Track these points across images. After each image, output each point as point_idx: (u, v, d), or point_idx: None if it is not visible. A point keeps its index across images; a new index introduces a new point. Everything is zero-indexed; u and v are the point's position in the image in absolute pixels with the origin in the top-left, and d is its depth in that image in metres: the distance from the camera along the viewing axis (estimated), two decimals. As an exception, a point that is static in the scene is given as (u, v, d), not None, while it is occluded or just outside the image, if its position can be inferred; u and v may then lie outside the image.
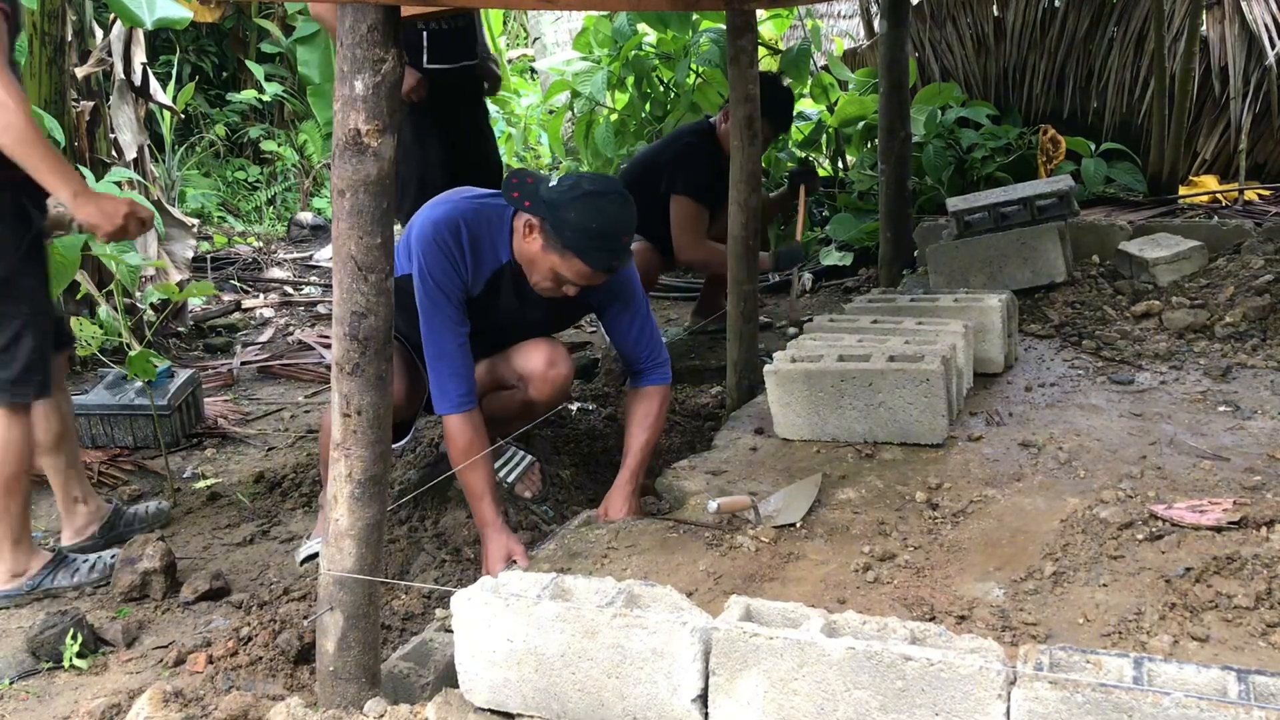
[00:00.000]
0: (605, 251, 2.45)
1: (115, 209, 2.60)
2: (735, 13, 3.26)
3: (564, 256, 2.46)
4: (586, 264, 2.45)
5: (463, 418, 2.56)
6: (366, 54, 1.76)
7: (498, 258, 2.64)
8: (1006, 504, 2.44)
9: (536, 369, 2.81)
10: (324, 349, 4.92)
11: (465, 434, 2.55)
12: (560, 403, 2.95)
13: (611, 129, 6.06)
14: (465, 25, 4.04)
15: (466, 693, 1.82)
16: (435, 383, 2.57)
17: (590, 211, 2.42)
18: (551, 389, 2.84)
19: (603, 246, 2.44)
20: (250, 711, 1.95)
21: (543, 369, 2.81)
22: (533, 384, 2.83)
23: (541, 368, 2.81)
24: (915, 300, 3.47)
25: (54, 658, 2.44)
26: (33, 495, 3.45)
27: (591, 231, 2.42)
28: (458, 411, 2.56)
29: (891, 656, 1.52)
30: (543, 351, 2.82)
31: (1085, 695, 1.43)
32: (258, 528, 3.21)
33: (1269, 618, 1.85)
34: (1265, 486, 2.39)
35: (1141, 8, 6.14)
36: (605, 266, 2.48)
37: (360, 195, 1.81)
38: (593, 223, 2.41)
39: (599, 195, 2.44)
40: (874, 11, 7.10)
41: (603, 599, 1.73)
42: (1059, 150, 5.90)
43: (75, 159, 4.59)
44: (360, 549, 1.90)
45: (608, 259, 2.47)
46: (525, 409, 2.91)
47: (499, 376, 2.91)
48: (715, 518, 2.43)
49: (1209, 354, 3.38)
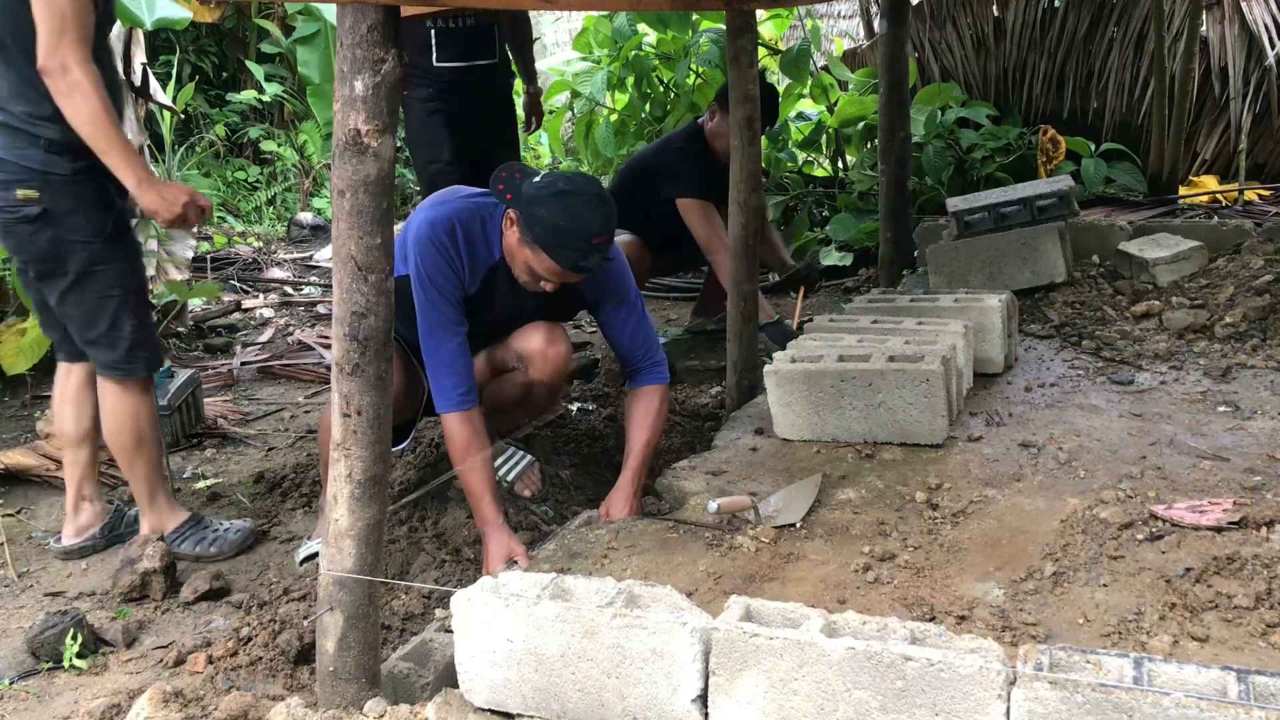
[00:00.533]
0: (572, 250, 2.47)
1: (175, 197, 2.71)
2: (735, 13, 3.26)
3: (535, 251, 2.50)
4: (554, 260, 2.49)
5: (462, 416, 2.57)
6: (366, 54, 1.76)
7: (491, 255, 2.67)
8: (1006, 504, 2.44)
9: (536, 347, 2.83)
10: (324, 349, 4.92)
11: (465, 433, 2.56)
12: (560, 383, 2.96)
13: (611, 129, 6.07)
14: (480, 24, 4.00)
15: (466, 693, 1.82)
16: (434, 382, 2.59)
17: (560, 209, 2.46)
18: (551, 367, 2.85)
19: (569, 245, 2.46)
20: (250, 711, 1.95)
21: (542, 347, 2.82)
22: (533, 363, 2.85)
23: (541, 345, 2.83)
24: (915, 300, 3.47)
25: (54, 658, 2.44)
26: (32, 495, 3.47)
27: (559, 229, 2.45)
28: (457, 410, 2.57)
29: (891, 656, 1.52)
30: (541, 330, 2.85)
31: (1085, 695, 1.43)
32: (258, 528, 3.21)
33: (1269, 618, 1.85)
34: (1265, 486, 2.39)
35: (1141, 8, 6.15)
36: (572, 265, 2.50)
37: (360, 195, 1.81)
38: (560, 220, 2.45)
39: (571, 195, 2.47)
40: (874, 11, 7.10)
41: (603, 599, 1.73)
42: (1059, 150, 5.91)
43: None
44: (360, 549, 1.90)
45: (574, 258, 2.48)
46: (526, 391, 2.92)
47: (499, 362, 2.93)
48: (715, 518, 2.43)
49: (1209, 354, 3.38)
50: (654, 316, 4.82)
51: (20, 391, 4.31)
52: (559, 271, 2.52)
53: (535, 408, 3.04)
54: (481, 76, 4.04)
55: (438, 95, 3.98)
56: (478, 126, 4.03)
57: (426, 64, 3.91)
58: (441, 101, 3.99)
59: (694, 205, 4.22)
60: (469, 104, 3.98)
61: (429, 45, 3.90)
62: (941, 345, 2.88)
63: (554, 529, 2.73)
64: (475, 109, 4.03)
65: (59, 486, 3.51)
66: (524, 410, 3.00)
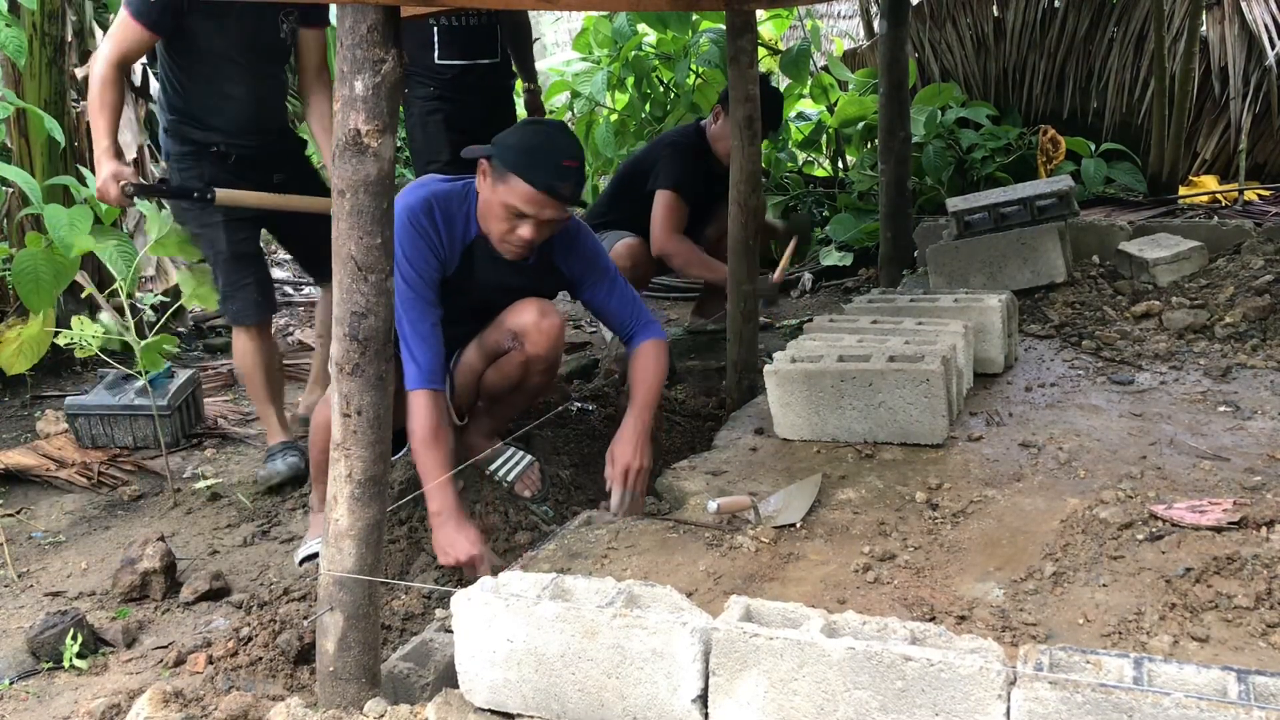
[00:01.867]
0: (545, 170, 2.51)
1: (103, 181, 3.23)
2: (735, 13, 3.26)
3: (508, 182, 2.53)
4: (528, 182, 2.51)
5: (429, 394, 2.57)
6: (366, 54, 1.76)
7: (470, 231, 2.71)
8: (1006, 504, 2.44)
9: (529, 320, 2.83)
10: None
11: (430, 413, 2.54)
12: (557, 357, 2.94)
13: (611, 129, 6.06)
14: (483, 23, 4.00)
15: (466, 693, 1.82)
16: (405, 359, 2.59)
17: (530, 133, 2.58)
18: (547, 340, 2.84)
19: (542, 164, 2.51)
20: (250, 711, 1.95)
21: (535, 319, 2.83)
22: (528, 338, 2.84)
23: (534, 318, 2.83)
24: (915, 300, 3.47)
25: (54, 658, 2.44)
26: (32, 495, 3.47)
27: (531, 148, 2.52)
28: (425, 387, 2.57)
29: (891, 657, 1.52)
30: (532, 305, 2.85)
31: (1085, 695, 1.43)
32: (258, 528, 3.22)
33: (1269, 618, 1.85)
34: (1265, 486, 2.39)
35: (1141, 8, 6.15)
36: (547, 186, 2.52)
37: (360, 195, 1.81)
38: (532, 140, 2.54)
39: (540, 123, 2.60)
40: (874, 12, 7.10)
41: (603, 599, 1.73)
42: (1059, 150, 5.91)
43: (75, 159, 4.59)
44: (360, 549, 1.90)
45: (548, 178, 2.51)
46: (524, 370, 2.90)
47: (491, 346, 2.91)
48: (715, 518, 2.43)
49: (1209, 354, 3.38)
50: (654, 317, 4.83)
51: (20, 391, 4.31)
52: (533, 197, 2.53)
53: (534, 388, 3.01)
54: (483, 76, 4.03)
55: (439, 94, 3.98)
56: (478, 126, 4.03)
57: (429, 62, 3.91)
58: (442, 101, 3.99)
59: (666, 198, 4.18)
60: (470, 103, 3.99)
61: (431, 43, 3.90)
62: (941, 345, 2.88)
63: (554, 529, 2.73)
64: (476, 108, 4.03)
65: (59, 486, 3.52)
66: (524, 394, 2.98)
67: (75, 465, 3.60)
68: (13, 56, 3.95)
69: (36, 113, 3.96)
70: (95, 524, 3.31)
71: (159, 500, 3.46)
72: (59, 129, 4.14)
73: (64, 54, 4.48)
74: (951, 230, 4.33)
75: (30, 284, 3.47)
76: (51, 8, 4.36)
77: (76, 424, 3.75)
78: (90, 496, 3.47)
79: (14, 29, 3.88)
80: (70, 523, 3.32)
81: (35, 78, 4.36)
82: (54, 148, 4.40)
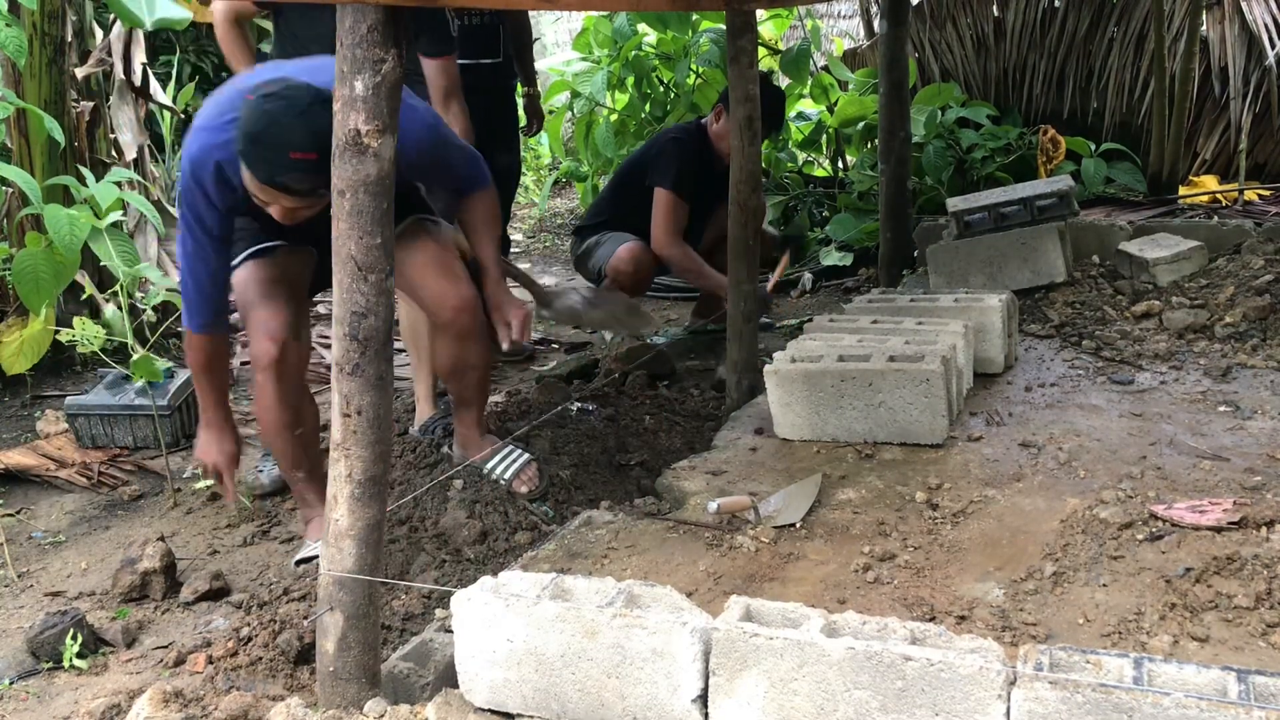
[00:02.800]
0: (264, 161, 2.28)
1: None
2: (735, 13, 3.26)
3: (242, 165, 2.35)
4: (250, 171, 2.32)
5: (205, 338, 2.67)
6: (366, 54, 1.76)
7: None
8: (1006, 504, 2.44)
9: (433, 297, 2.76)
10: (324, 349, 4.92)
11: (206, 350, 2.69)
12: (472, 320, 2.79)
13: (611, 129, 6.06)
14: (487, 23, 4.00)
15: (466, 693, 1.82)
16: (184, 303, 2.65)
17: (254, 116, 2.27)
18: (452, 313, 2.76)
19: (260, 156, 2.28)
20: (250, 711, 1.95)
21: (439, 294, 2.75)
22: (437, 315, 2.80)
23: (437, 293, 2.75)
24: (915, 300, 3.47)
25: (54, 658, 2.44)
26: (32, 495, 3.47)
27: (250, 137, 2.27)
28: (200, 333, 2.66)
29: (891, 656, 1.52)
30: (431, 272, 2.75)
31: (1085, 695, 1.43)
32: (258, 528, 3.21)
33: (1269, 618, 1.85)
34: (1265, 486, 2.39)
35: (1141, 8, 6.15)
36: (266, 178, 2.30)
37: (360, 195, 1.81)
38: (254, 127, 2.26)
39: (271, 98, 2.26)
40: (874, 12, 7.11)
41: (603, 599, 1.73)
42: (1059, 150, 5.91)
43: (75, 159, 4.59)
44: (360, 549, 1.90)
45: (268, 169, 2.29)
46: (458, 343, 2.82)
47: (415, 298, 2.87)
48: (715, 518, 2.43)
49: (1209, 354, 3.38)
50: (654, 317, 4.83)
51: (20, 391, 4.31)
52: (262, 190, 2.34)
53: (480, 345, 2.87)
54: (486, 76, 4.03)
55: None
56: (479, 126, 4.03)
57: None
58: None
59: (666, 197, 4.18)
60: (472, 103, 3.98)
61: None
62: (941, 345, 2.88)
63: (554, 529, 2.73)
64: (478, 108, 4.03)
65: (59, 486, 3.51)
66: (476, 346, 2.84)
67: (75, 465, 3.60)
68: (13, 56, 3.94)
69: (36, 113, 3.96)
70: (95, 524, 3.31)
71: (159, 500, 3.45)
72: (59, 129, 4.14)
73: (64, 54, 4.47)
74: (951, 230, 4.33)
75: (30, 284, 3.46)
76: (51, 8, 4.36)
77: (76, 424, 3.75)
78: (90, 496, 3.47)
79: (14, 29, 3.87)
80: (70, 523, 3.32)
81: (35, 78, 4.36)
82: (54, 148, 4.39)
